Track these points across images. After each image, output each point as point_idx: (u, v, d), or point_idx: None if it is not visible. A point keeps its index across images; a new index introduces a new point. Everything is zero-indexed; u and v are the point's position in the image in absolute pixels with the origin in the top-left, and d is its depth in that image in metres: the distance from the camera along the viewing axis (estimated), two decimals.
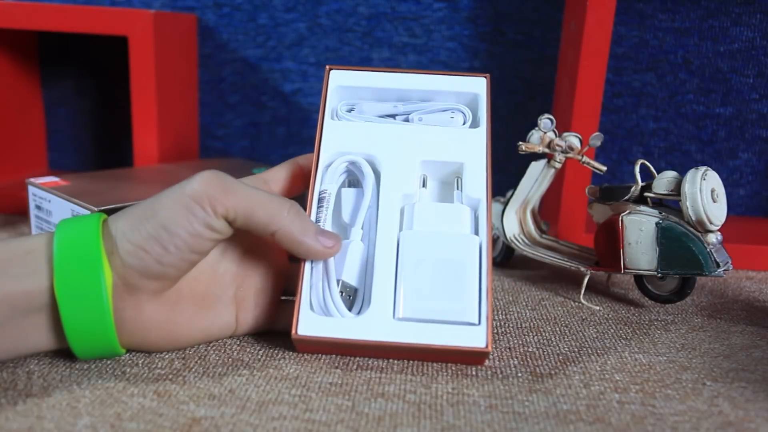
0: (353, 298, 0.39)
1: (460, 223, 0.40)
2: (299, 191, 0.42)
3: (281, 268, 0.41)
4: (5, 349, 0.33)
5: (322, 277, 0.38)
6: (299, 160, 0.42)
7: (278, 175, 0.41)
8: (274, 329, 0.40)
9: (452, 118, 0.44)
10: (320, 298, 0.38)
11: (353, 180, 0.43)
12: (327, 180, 0.41)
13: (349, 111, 0.44)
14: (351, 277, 0.39)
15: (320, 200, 0.40)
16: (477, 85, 0.44)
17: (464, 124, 0.44)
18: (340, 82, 0.44)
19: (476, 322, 0.37)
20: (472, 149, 0.42)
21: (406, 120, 0.44)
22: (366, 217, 0.41)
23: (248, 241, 0.39)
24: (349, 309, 0.38)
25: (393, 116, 0.44)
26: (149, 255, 0.33)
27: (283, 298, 0.41)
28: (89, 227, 0.34)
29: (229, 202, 0.34)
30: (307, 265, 0.38)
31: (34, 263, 0.32)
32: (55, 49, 0.74)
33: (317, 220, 0.39)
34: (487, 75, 0.44)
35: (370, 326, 0.37)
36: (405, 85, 0.44)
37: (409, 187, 0.41)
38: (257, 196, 0.35)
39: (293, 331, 0.36)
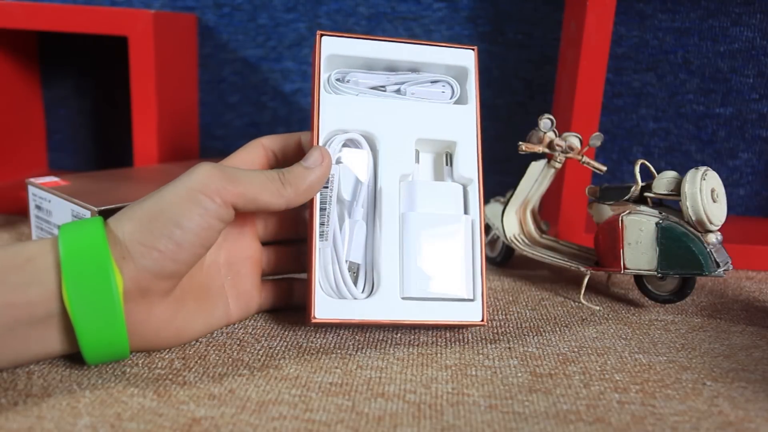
0: (357, 272, 0.42)
1: (454, 202, 0.43)
2: None
3: (257, 250, 0.42)
4: (6, 359, 0.33)
5: (332, 261, 0.40)
6: (264, 141, 0.42)
7: (245, 160, 0.41)
8: (261, 310, 0.43)
9: (443, 92, 0.44)
10: (332, 282, 0.40)
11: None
12: None
13: (339, 80, 0.44)
14: (356, 256, 0.41)
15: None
16: (465, 58, 0.44)
17: (452, 97, 0.44)
18: (332, 50, 0.43)
19: (472, 297, 0.41)
20: (464, 127, 0.44)
21: (398, 91, 0.44)
22: (365, 195, 0.42)
23: (225, 231, 0.40)
24: (355, 283, 0.41)
25: (384, 86, 0.44)
26: (163, 254, 0.33)
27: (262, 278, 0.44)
28: (94, 234, 0.33)
29: (236, 190, 0.35)
30: (317, 250, 0.40)
31: (36, 272, 0.32)
32: (55, 49, 0.74)
33: (322, 202, 0.40)
34: (475, 47, 0.45)
35: (380, 307, 0.40)
36: (394, 55, 0.44)
37: (405, 165, 0.42)
38: (256, 178, 0.36)
39: (311, 315, 0.39)
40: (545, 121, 0.50)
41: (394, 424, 0.31)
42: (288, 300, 0.44)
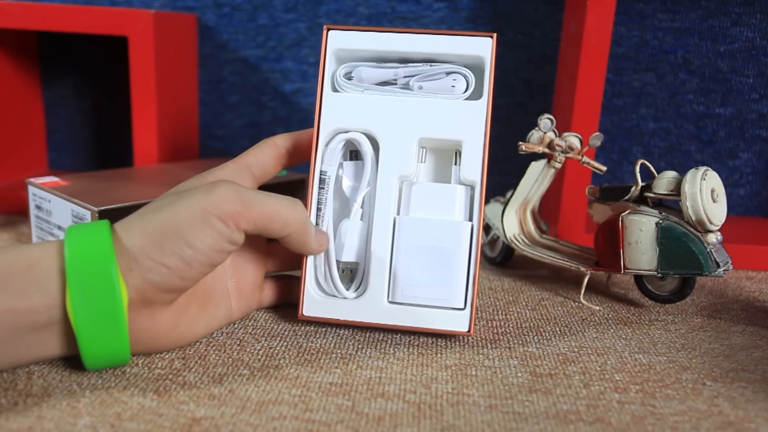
0: (354, 272, 0.42)
1: (455, 205, 0.42)
2: (278, 172, 0.43)
3: (262, 249, 0.43)
4: (6, 362, 0.33)
5: (323, 262, 0.41)
6: (277, 140, 0.42)
7: (260, 158, 0.41)
8: (261, 307, 0.44)
9: (453, 86, 0.42)
10: (322, 281, 0.41)
11: (354, 151, 0.43)
12: (327, 161, 0.41)
13: (347, 75, 0.43)
14: (350, 255, 0.42)
15: (321, 181, 0.41)
16: (482, 47, 0.41)
17: (466, 90, 0.42)
18: (339, 44, 0.42)
19: (462, 306, 0.40)
20: (471, 125, 0.41)
21: (407, 86, 0.43)
22: (365, 194, 0.42)
23: None
24: (351, 282, 0.42)
25: (395, 80, 0.43)
26: (171, 271, 0.33)
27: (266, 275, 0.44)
28: (101, 243, 0.33)
29: (252, 216, 0.35)
30: None
31: (39, 279, 0.32)
32: (55, 49, 0.74)
33: (318, 202, 0.41)
34: (494, 35, 0.41)
35: (366, 309, 0.41)
36: (406, 47, 0.42)
37: (407, 166, 0.42)
38: (272, 205, 0.36)
39: (299, 313, 0.41)
40: (545, 121, 0.50)
41: (394, 424, 0.31)
42: (287, 297, 0.44)
